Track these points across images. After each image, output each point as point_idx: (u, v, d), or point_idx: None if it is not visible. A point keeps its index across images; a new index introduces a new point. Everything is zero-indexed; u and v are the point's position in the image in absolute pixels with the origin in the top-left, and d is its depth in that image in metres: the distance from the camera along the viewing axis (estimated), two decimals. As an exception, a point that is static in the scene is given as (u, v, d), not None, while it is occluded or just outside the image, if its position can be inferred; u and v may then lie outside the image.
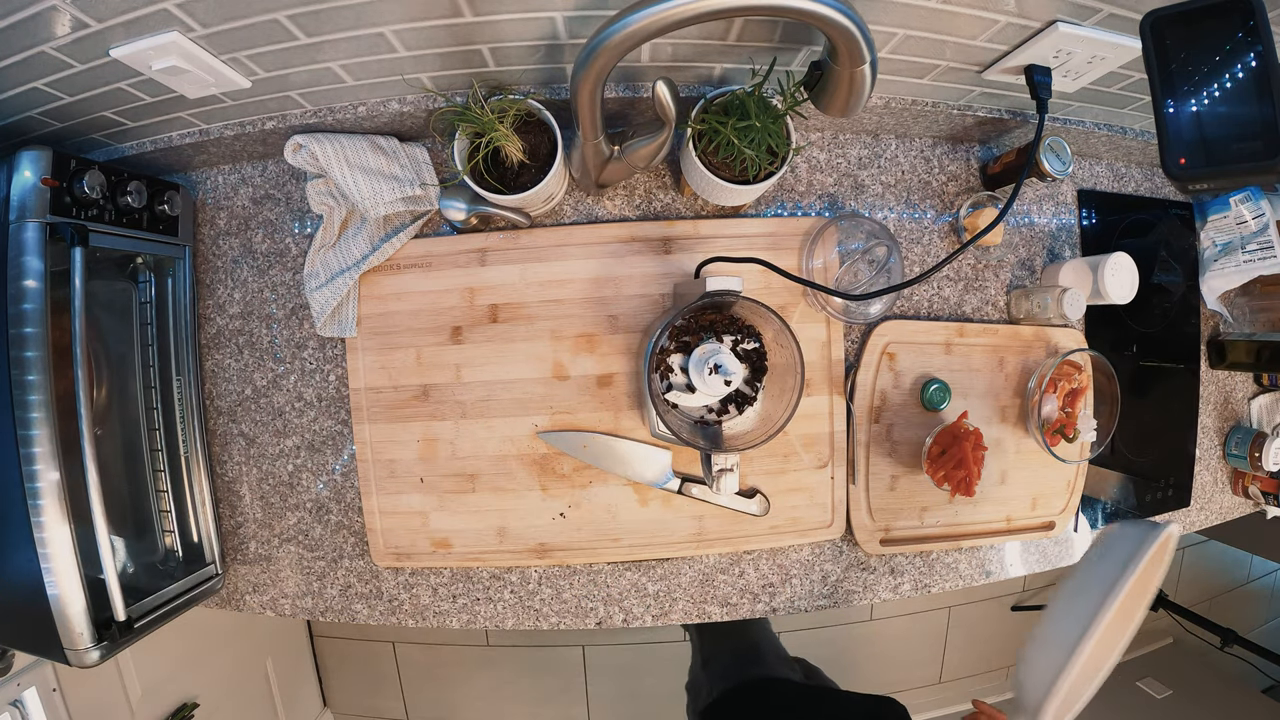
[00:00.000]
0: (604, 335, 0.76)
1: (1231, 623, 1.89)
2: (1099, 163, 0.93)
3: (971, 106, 0.77)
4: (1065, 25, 0.60)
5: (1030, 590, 2.21)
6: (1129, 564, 0.55)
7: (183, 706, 1.27)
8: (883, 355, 0.80)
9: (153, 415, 0.76)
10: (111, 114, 0.67)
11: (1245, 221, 0.90)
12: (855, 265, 0.76)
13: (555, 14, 0.56)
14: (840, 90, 0.52)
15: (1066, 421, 0.82)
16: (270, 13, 0.53)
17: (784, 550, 0.82)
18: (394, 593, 0.81)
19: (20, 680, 0.92)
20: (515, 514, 0.78)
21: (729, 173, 0.66)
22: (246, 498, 0.82)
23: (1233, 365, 0.95)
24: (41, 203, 0.59)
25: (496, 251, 0.76)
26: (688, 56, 0.65)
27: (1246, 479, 0.98)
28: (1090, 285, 0.81)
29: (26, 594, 0.59)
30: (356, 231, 0.74)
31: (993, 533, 0.85)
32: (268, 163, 0.80)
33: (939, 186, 0.84)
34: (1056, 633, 0.56)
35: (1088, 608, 0.54)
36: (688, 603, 0.81)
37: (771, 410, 0.69)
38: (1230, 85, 0.48)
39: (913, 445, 0.82)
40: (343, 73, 0.63)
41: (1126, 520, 0.62)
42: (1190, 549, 2.39)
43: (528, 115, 0.66)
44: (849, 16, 0.44)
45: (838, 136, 0.82)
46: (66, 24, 0.51)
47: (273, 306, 0.80)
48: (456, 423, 0.77)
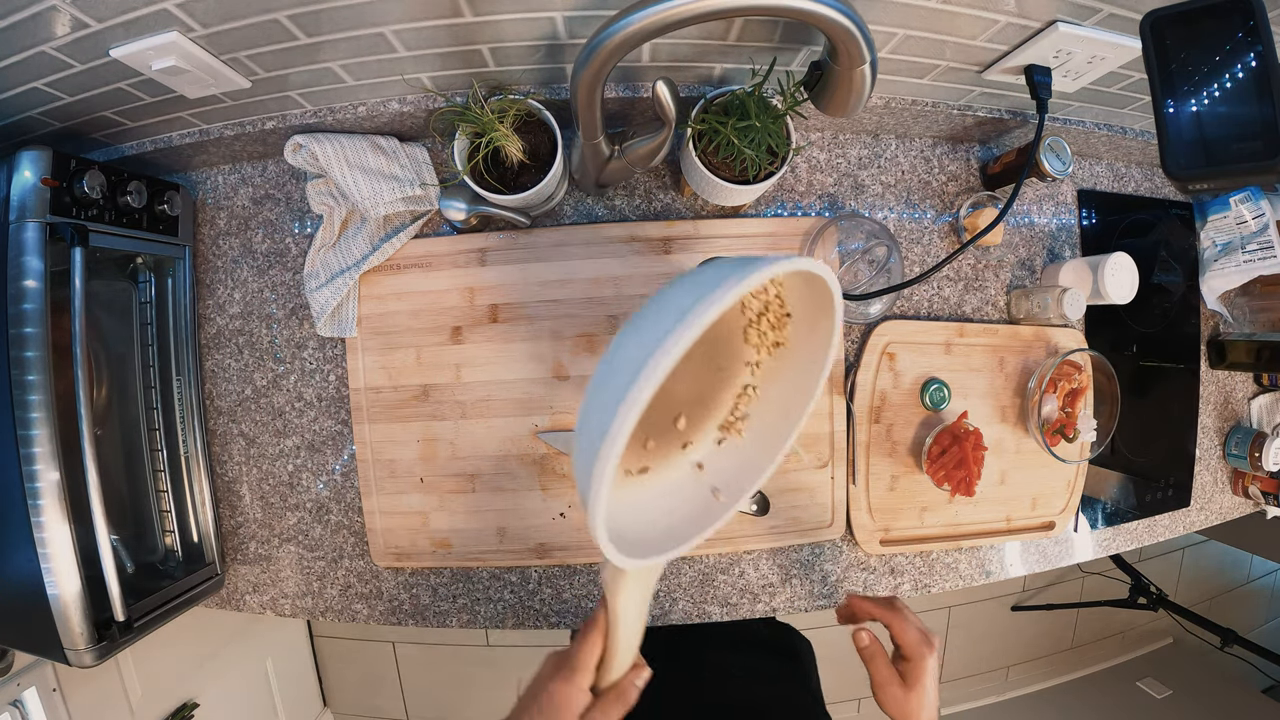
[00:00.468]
0: (604, 335, 0.76)
1: (1231, 623, 1.89)
2: (1099, 163, 0.93)
3: (971, 106, 0.77)
4: (1065, 25, 0.60)
5: (1030, 590, 2.22)
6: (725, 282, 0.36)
7: (183, 706, 1.27)
8: (883, 355, 0.80)
9: (153, 415, 0.76)
10: (111, 114, 0.67)
11: (1245, 221, 0.90)
12: (855, 265, 0.76)
13: (555, 14, 0.56)
14: (840, 90, 0.52)
15: (1066, 421, 0.82)
16: (270, 13, 0.53)
17: (784, 550, 0.82)
18: (394, 593, 0.81)
19: (20, 680, 0.92)
20: (515, 514, 0.78)
21: (729, 173, 0.66)
22: (246, 498, 0.82)
23: (1233, 365, 0.95)
24: (41, 203, 0.59)
25: (496, 251, 0.76)
26: (688, 56, 0.65)
27: (1246, 479, 0.98)
28: (1090, 285, 0.81)
29: (26, 594, 0.59)
30: (356, 231, 0.74)
31: (993, 533, 0.85)
32: (268, 163, 0.80)
33: (939, 186, 0.84)
34: (603, 384, 0.38)
35: (653, 336, 0.36)
36: (688, 603, 0.81)
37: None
38: (1230, 85, 0.48)
39: (913, 445, 0.82)
40: (343, 73, 0.63)
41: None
42: (1190, 549, 2.39)
43: (528, 115, 0.66)
44: (849, 16, 0.44)
45: (838, 136, 0.82)
46: (66, 24, 0.51)
47: (273, 306, 0.80)
48: (456, 423, 0.77)
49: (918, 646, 0.55)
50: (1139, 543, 0.94)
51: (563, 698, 0.46)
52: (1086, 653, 2.24)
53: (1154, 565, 2.30)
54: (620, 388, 0.35)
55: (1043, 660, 2.21)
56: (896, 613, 0.57)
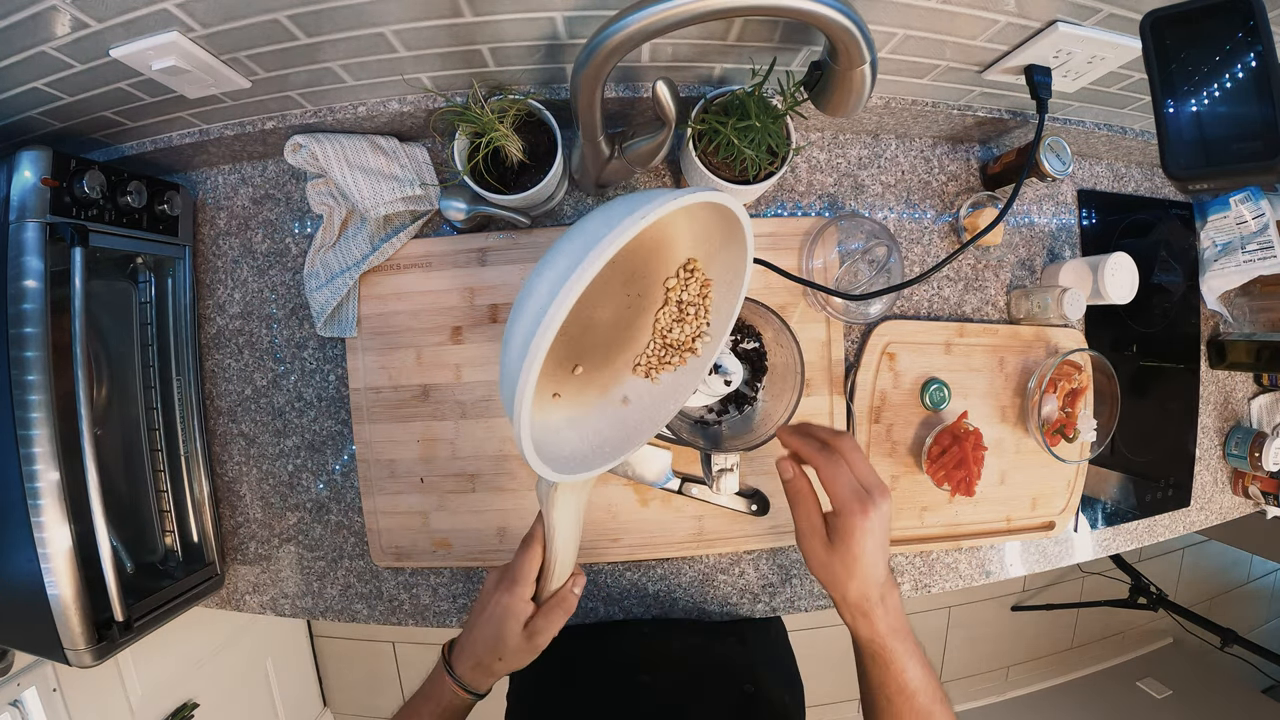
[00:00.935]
0: (604, 335, 0.76)
1: (1231, 623, 1.89)
2: (1099, 163, 0.93)
3: (971, 106, 0.77)
4: (1065, 25, 0.60)
5: (1030, 590, 2.22)
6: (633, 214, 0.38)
7: (183, 706, 1.27)
8: (883, 355, 0.80)
9: (153, 415, 0.76)
10: (111, 114, 0.67)
11: (1245, 221, 0.90)
12: (855, 265, 0.76)
13: (555, 14, 0.56)
14: (840, 90, 0.52)
15: (1066, 421, 0.82)
16: (270, 13, 0.53)
17: (784, 550, 0.82)
18: (394, 593, 0.81)
19: (20, 680, 0.92)
20: (515, 514, 0.78)
21: (729, 173, 0.66)
22: (246, 498, 0.82)
23: (1233, 365, 0.95)
24: (41, 203, 0.59)
25: (496, 251, 0.76)
26: (688, 56, 0.65)
27: (1246, 479, 0.98)
28: (1090, 285, 0.81)
29: (26, 594, 0.59)
30: (356, 231, 0.74)
31: (993, 533, 0.85)
32: (268, 163, 0.80)
33: (939, 186, 0.84)
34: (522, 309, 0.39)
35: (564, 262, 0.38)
36: (688, 603, 0.81)
37: (772, 410, 0.69)
38: (1230, 85, 0.48)
39: (913, 445, 0.82)
40: (343, 73, 0.63)
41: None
42: (1190, 549, 2.39)
43: (528, 115, 0.66)
44: (849, 16, 0.44)
45: (838, 136, 0.82)
46: (66, 24, 0.51)
47: (273, 306, 0.80)
48: (456, 423, 0.77)
49: (847, 502, 0.45)
50: (1139, 543, 0.94)
51: (505, 607, 0.48)
52: (1086, 653, 2.24)
53: (1154, 565, 2.30)
54: (535, 314, 0.37)
55: (1043, 660, 2.21)
56: (830, 456, 0.46)
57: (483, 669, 0.51)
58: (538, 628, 0.50)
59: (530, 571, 0.50)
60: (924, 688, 0.47)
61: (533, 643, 0.50)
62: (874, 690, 0.48)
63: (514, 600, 0.49)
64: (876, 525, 0.45)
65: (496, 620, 0.49)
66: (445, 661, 0.52)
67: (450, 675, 0.51)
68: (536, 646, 0.50)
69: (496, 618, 0.49)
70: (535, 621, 0.50)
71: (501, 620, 0.49)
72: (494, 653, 0.50)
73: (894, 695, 0.47)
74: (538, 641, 0.50)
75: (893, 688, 0.47)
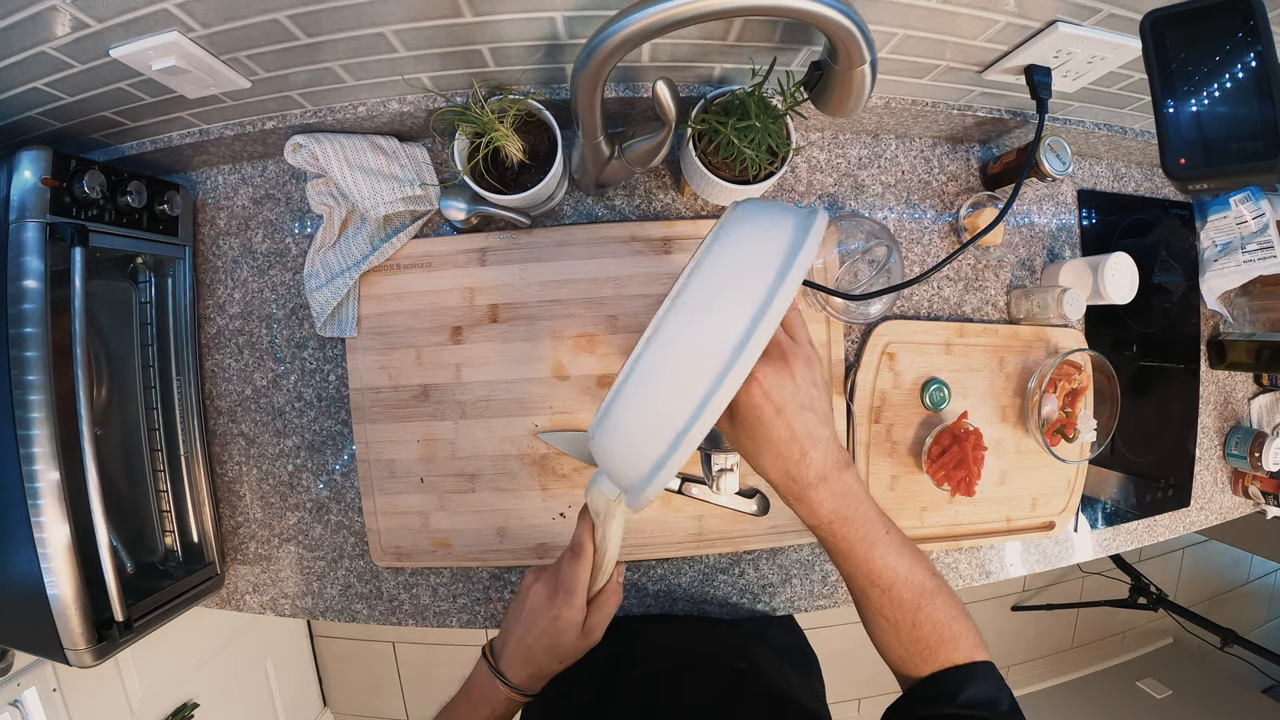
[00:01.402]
0: (604, 335, 0.76)
1: (1231, 623, 1.89)
2: (1099, 163, 0.93)
3: (971, 106, 0.77)
4: (1065, 25, 0.60)
5: (1030, 590, 2.22)
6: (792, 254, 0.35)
7: (183, 706, 1.27)
8: (883, 355, 0.80)
9: (153, 415, 0.76)
10: (111, 114, 0.67)
11: (1245, 221, 0.90)
12: (855, 265, 0.76)
13: (555, 14, 0.56)
14: (840, 90, 0.52)
15: (1066, 421, 0.82)
16: (270, 13, 0.53)
17: (784, 550, 0.82)
18: (394, 593, 0.81)
19: (20, 680, 0.92)
20: (515, 514, 0.78)
21: (729, 173, 0.66)
22: (246, 498, 0.82)
23: (1233, 365, 0.95)
24: (41, 203, 0.59)
25: (496, 251, 0.76)
26: (688, 56, 0.65)
27: (1246, 479, 0.98)
28: (1090, 285, 0.81)
29: (26, 594, 0.59)
30: (356, 231, 0.74)
31: (993, 533, 0.85)
32: (268, 163, 0.80)
33: (939, 186, 0.84)
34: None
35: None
36: (688, 603, 0.81)
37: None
38: (1230, 85, 0.48)
39: (913, 445, 0.82)
40: (343, 73, 0.63)
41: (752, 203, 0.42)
42: (1190, 549, 2.39)
43: (528, 115, 0.66)
44: (849, 16, 0.44)
45: (838, 136, 0.82)
46: (66, 24, 0.51)
47: (273, 306, 0.80)
48: (456, 423, 0.77)
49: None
50: (1139, 543, 0.94)
51: (566, 620, 0.50)
52: (1086, 653, 2.24)
53: (1154, 565, 2.30)
54: (712, 374, 0.32)
55: (1043, 660, 2.21)
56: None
57: (542, 675, 0.52)
58: (594, 624, 0.51)
59: (584, 582, 0.51)
60: (905, 578, 0.43)
61: (590, 638, 0.52)
62: (848, 582, 0.46)
63: (574, 611, 0.50)
64: (776, 388, 0.39)
65: (555, 632, 0.50)
66: (494, 670, 0.52)
67: (504, 683, 0.51)
68: (595, 640, 0.52)
69: (556, 630, 0.50)
70: (590, 620, 0.51)
71: (561, 632, 0.50)
72: (555, 660, 0.51)
73: (867, 587, 0.44)
74: (595, 636, 0.52)
75: (863, 579, 0.44)
